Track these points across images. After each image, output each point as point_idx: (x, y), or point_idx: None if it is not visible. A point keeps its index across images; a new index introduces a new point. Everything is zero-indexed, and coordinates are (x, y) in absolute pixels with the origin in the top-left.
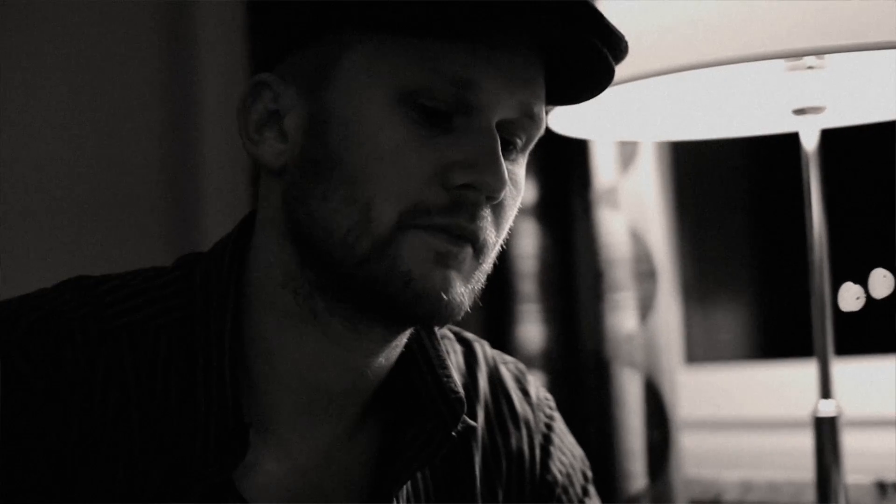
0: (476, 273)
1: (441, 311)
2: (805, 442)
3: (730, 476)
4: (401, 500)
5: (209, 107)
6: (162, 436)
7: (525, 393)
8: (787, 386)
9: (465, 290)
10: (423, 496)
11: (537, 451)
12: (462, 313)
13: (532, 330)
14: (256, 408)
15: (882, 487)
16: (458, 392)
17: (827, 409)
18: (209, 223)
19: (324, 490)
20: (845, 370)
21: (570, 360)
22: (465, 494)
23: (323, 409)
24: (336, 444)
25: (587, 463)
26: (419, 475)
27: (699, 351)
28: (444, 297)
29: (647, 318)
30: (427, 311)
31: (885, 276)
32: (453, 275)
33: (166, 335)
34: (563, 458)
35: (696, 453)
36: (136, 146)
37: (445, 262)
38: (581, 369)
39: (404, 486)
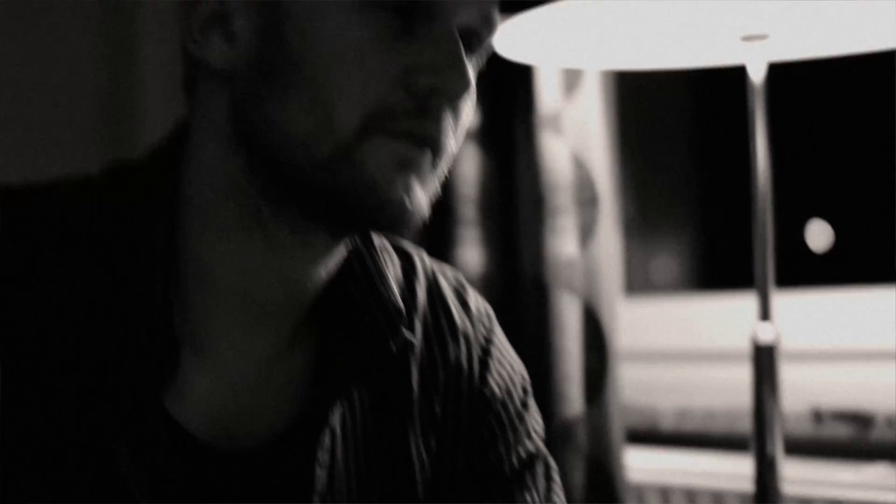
0: (432, 179)
1: (404, 218)
2: (743, 373)
3: (666, 404)
4: (336, 415)
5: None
6: (89, 356)
7: (464, 305)
8: (725, 318)
9: (424, 196)
10: (360, 411)
11: (476, 364)
12: (422, 220)
13: (472, 253)
14: (188, 326)
15: (818, 416)
16: (397, 304)
17: (766, 335)
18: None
19: (259, 409)
20: (784, 302)
21: (509, 284)
22: (402, 408)
23: (259, 325)
24: (271, 362)
25: (526, 376)
26: (355, 391)
27: (639, 283)
28: (408, 203)
29: (587, 245)
30: (390, 219)
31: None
32: (415, 181)
33: (91, 249)
34: (502, 372)
35: (633, 383)
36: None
37: (408, 167)
38: (520, 293)
39: (340, 402)
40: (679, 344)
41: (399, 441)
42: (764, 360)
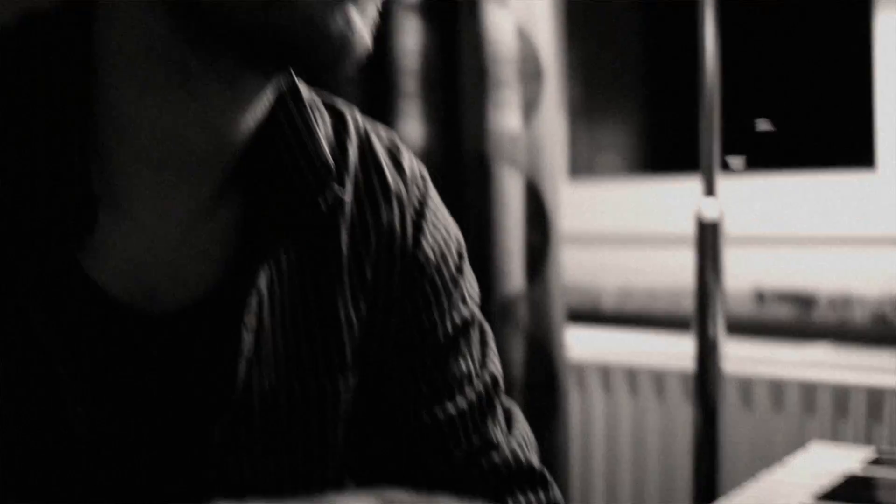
0: (371, 7)
1: (346, 51)
2: (686, 256)
3: (609, 283)
4: (263, 278)
5: None
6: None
7: (398, 166)
8: (670, 202)
9: (365, 26)
10: (287, 273)
11: (409, 228)
12: (365, 51)
13: (413, 127)
14: (107, 183)
15: (760, 296)
16: (325, 160)
17: (709, 212)
18: None
19: (182, 270)
20: (728, 187)
21: (450, 158)
22: (331, 271)
23: (182, 181)
24: (195, 221)
25: (462, 241)
26: (283, 252)
27: (584, 165)
28: (349, 34)
29: (530, 120)
30: (332, 53)
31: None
32: (353, 10)
33: None
34: (437, 235)
35: (576, 264)
36: None
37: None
38: (462, 168)
39: (267, 263)
40: (623, 227)
41: (328, 305)
42: (707, 237)
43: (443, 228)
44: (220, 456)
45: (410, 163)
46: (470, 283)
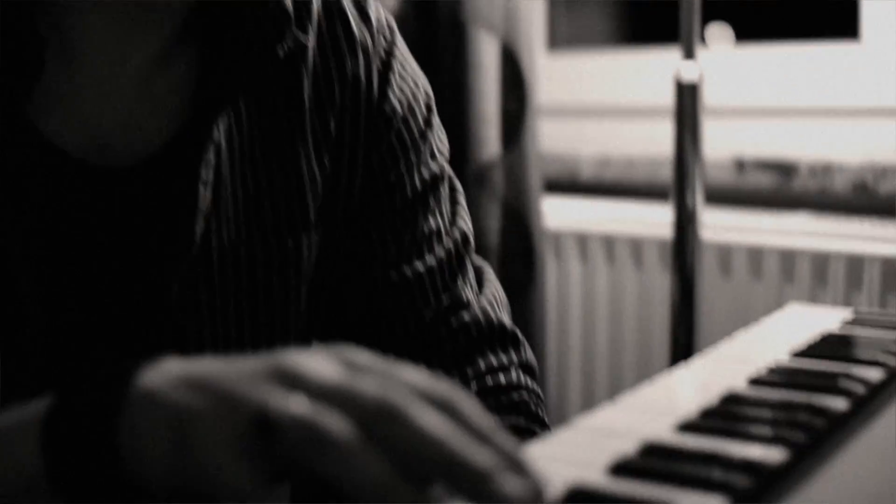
0: None
1: None
2: (665, 128)
3: (587, 152)
4: (221, 131)
5: None
6: None
7: (364, 16)
8: (650, 73)
9: None
10: (247, 125)
11: (375, 79)
12: None
13: None
14: (55, 27)
15: (740, 165)
16: (283, 6)
17: (689, 74)
18: None
19: (137, 122)
20: (711, 57)
21: (424, 21)
22: (293, 123)
23: (137, 26)
24: (149, 71)
25: (431, 94)
26: (242, 104)
27: (563, 37)
28: None
29: None
30: None
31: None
32: None
33: None
34: (404, 87)
35: (555, 135)
36: None
37: None
38: (437, 32)
39: (225, 115)
40: (603, 98)
41: (290, 160)
42: (686, 100)
43: (410, 80)
44: (179, 316)
45: (378, 13)
46: (439, 138)
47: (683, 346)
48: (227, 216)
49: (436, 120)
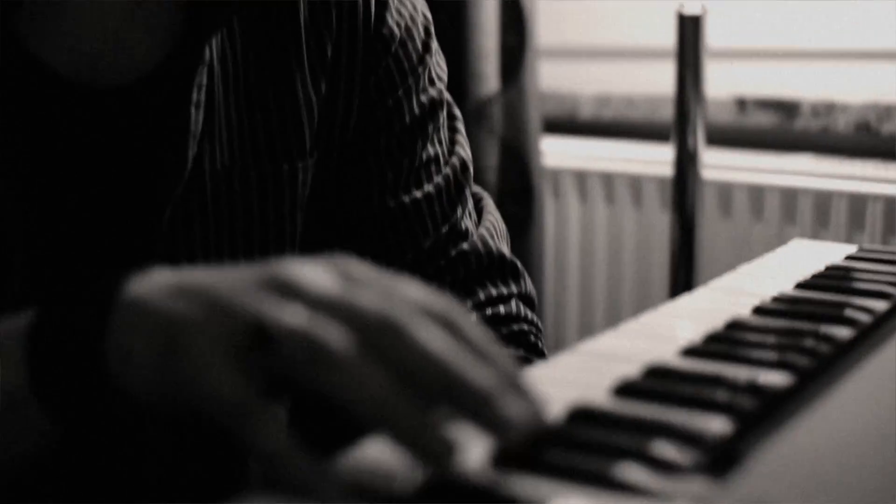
0: None
1: None
2: (668, 70)
3: (586, 90)
4: (214, 52)
5: None
6: None
7: None
8: (652, 13)
9: None
10: (241, 47)
11: (372, 2)
12: None
13: None
14: None
15: (742, 104)
16: None
17: (691, 6)
18: None
19: (127, 41)
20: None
21: None
22: (289, 46)
23: None
24: None
25: (430, 18)
26: (236, 26)
27: None
28: None
29: None
30: None
31: None
32: None
33: None
34: (402, 10)
35: (555, 76)
36: None
37: None
38: None
39: (217, 37)
40: (604, 39)
41: (285, 83)
42: (688, 35)
43: (409, 3)
44: (172, 240)
45: None
46: (438, 63)
47: (683, 285)
48: (221, 140)
49: (434, 45)
